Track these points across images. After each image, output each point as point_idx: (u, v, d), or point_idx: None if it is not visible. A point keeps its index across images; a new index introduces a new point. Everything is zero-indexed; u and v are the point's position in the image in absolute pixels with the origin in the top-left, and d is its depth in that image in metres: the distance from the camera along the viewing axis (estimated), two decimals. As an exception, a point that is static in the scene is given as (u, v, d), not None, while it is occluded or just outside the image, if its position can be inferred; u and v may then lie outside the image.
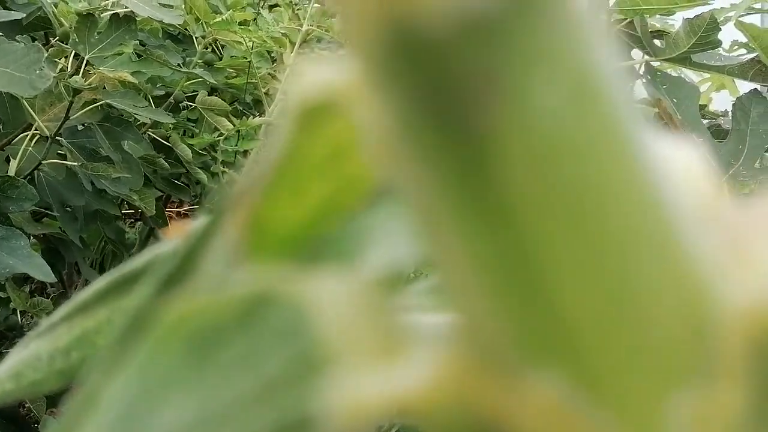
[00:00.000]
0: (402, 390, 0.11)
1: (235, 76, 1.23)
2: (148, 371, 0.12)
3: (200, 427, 0.12)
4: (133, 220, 1.29)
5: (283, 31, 1.15)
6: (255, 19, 1.19)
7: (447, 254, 0.11)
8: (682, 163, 0.13)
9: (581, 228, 0.10)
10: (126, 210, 1.23)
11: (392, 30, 0.09)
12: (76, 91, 1.02)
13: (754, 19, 1.11)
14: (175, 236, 0.32)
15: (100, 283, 0.36)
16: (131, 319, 0.17)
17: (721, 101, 1.58)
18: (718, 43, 1.05)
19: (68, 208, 1.08)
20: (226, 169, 1.13)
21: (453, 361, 0.11)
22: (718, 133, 1.13)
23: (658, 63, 1.06)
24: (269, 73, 1.19)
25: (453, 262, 0.11)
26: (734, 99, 1.15)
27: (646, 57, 1.06)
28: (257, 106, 1.27)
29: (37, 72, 0.93)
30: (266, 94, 1.17)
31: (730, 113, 1.16)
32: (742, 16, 1.12)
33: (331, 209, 0.15)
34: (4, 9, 1.03)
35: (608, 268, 0.10)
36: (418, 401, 0.11)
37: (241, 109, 1.26)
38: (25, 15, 1.04)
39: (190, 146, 1.15)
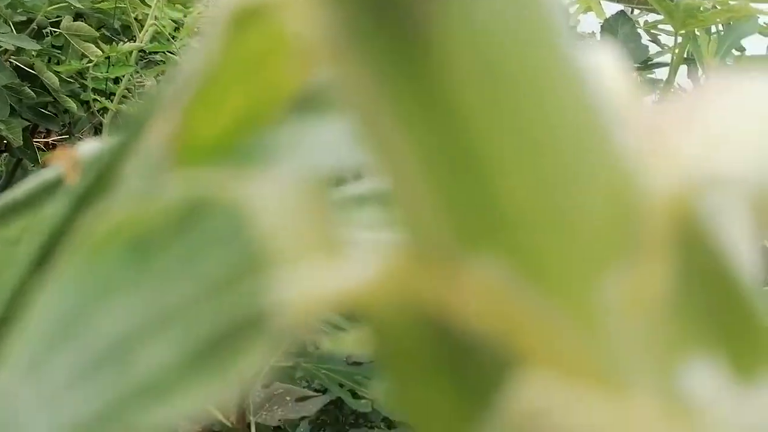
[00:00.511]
0: (347, 283, 0.11)
1: (102, 0, 1.19)
2: (84, 279, 0.12)
3: (144, 330, 0.12)
4: (3, 155, 1.25)
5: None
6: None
7: (387, 150, 0.11)
8: (601, 65, 0.14)
9: (517, 119, 0.11)
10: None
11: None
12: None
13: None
14: (58, 162, 0.31)
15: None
16: (49, 232, 0.17)
17: (589, 23, 1.62)
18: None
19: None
20: (97, 97, 1.10)
21: (394, 253, 0.11)
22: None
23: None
24: (137, -3, 1.15)
25: (393, 157, 0.11)
26: (601, 21, 1.18)
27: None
28: (126, 32, 1.23)
29: None
30: (136, 19, 1.13)
31: (598, 34, 1.19)
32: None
33: (254, 116, 0.15)
34: None
35: (541, 156, 0.11)
36: (362, 294, 0.11)
37: (109, 35, 1.22)
38: None
39: (56, 74, 1.11)
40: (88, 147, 0.29)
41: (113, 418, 0.11)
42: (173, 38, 1.21)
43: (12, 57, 1.10)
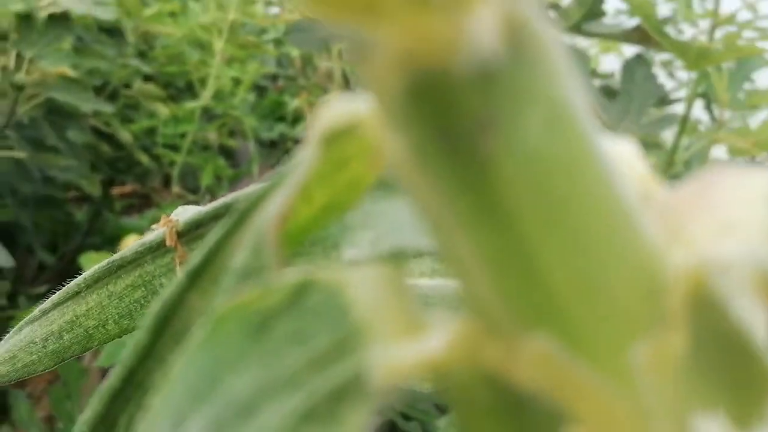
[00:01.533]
0: (426, 355, 0.13)
1: (168, 64, 1.22)
2: (210, 349, 0.14)
3: (263, 393, 0.13)
4: (80, 202, 1.28)
5: (210, 21, 1.15)
6: (182, 10, 1.18)
7: (453, 248, 0.13)
8: (624, 156, 0.15)
9: (561, 222, 0.12)
10: (74, 194, 1.22)
11: (418, 76, 0.11)
12: (21, 87, 1.00)
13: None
14: (159, 227, 0.33)
15: (87, 273, 0.37)
16: (164, 307, 0.19)
17: (609, 63, 1.63)
18: (604, 13, 1.09)
19: (19, 196, 1.07)
20: (165, 151, 1.13)
21: (464, 330, 0.13)
22: (607, 92, 1.18)
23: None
24: (200, 60, 1.18)
25: (458, 255, 0.13)
26: (622, 61, 1.18)
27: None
28: (190, 90, 1.26)
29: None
30: (199, 80, 1.16)
31: (617, 74, 1.20)
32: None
33: (336, 206, 0.16)
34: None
35: (582, 251, 0.12)
36: (439, 363, 0.13)
37: (175, 94, 1.25)
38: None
39: (129, 131, 1.14)
40: (184, 213, 0.31)
41: None
42: (233, 94, 1.23)
43: (91, 119, 1.13)
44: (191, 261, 0.18)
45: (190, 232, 0.30)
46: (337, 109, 0.14)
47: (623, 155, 0.16)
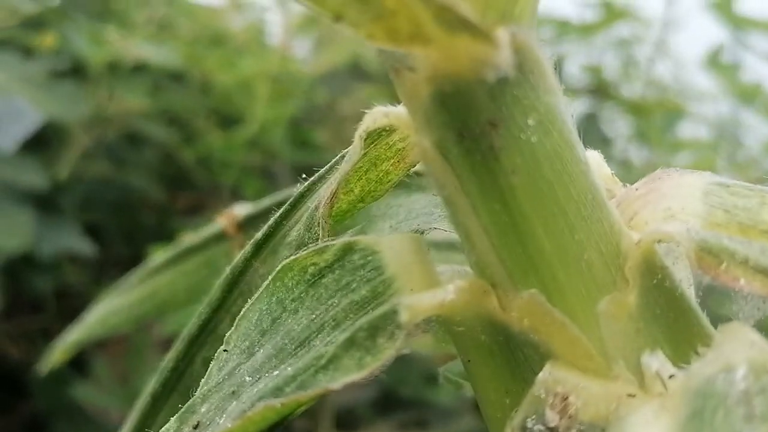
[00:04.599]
0: (441, 301, 0.13)
1: (223, 103, 1.23)
2: (274, 294, 0.14)
3: (315, 328, 0.13)
4: (151, 208, 1.28)
5: (256, 71, 1.16)
6: (234, 62, 1.19)
7: (465, 223, 0.13)
8: (593, 160, 0.15)
9: (549, 202, 0.12)
10: (146, 202, 1.23)
11: (446, 87, 0.12)
12: (109, 119, 1.01)
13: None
14: (221, 219, 0.33)
15: (161, 256, 0.37)
16: (233, 270, 0.19)
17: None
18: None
19: (104, 203, 1.07)
20: (219, 170, 1.14)
21: (471, 285, 0.13)
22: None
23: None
24: (247, 101, 1.19)
25: (469, 228, 0.13)
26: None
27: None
28: (240, 122, 1.26)
29: (78, 103, 0.93)
30: (247, 116, 1.17)
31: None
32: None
33: (370, 194, 0.17)
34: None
35: (564, 224, 0.12)
36: (450, 309, 0.13)
37: (227, 125, 1.26)
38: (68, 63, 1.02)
39: (191, 154, 1.15)
40: (240, 209, 0.31)
41: (296, 383, 0.13)
42: (273, 128, 1.24)
43: (162, 144, 1.14)
44: (256, 235, 0.19)
45: (247, 224, 0.30)
46: (376, 114, 0.14)
47: (592, 159, 0.16)
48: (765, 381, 0.10)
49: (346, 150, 0.16)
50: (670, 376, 0.12)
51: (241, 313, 0.14)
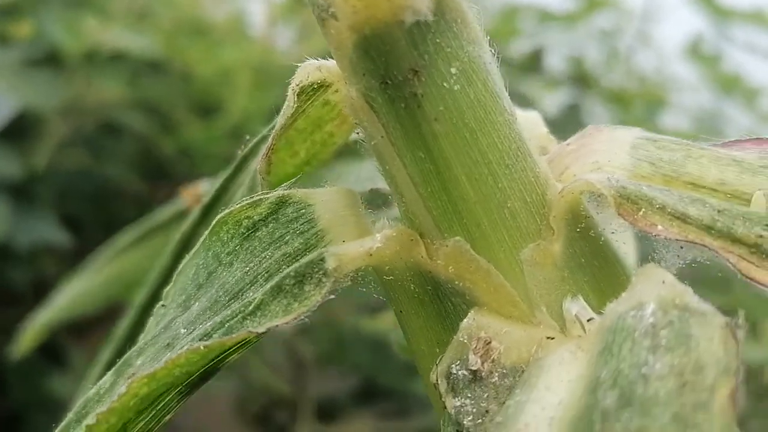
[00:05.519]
0: (370, 250, 0.13)
1: (203, 93, 1.23)
2: (209, 248, 0.14)
3: (248, 280, 0.14)
4: (130, 198, 1.28)
5: (236, 60, 1.15)
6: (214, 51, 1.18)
7: (393, 174, 0.13)
8: (530, 119, 0.16)
9: (471, 150, 0.13)
10: (125, 191, 1.22)
11: (367, 34, 0.12)
12: (86, 109, 1.01)
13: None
14: (185, 196, 0.33)
15: (128, 235, 0.37)
16: (182, 236, 0.19)
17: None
18: (541, 67, 1.11)
19: (82, 194, 1.07)
20: (199, 159, 1.14)
21: (399, 234, 0.13)
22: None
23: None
24: (228, 90, 1.19)
25: (397, 178, 0.13)
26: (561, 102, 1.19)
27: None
28: (220, 111, 1.26)
29: (54, 91, 0.93)
30: (228, 106, 1.17)
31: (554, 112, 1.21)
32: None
33: (313, 160, 0.17)
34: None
35: (487, 173, 0.13)
36: (381, 257, 0.13)
37: (208, 115, 1.25)
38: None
39: (171, 144, 1.15)
40: (204, 185, 0.31)
41: (223, 329, 0.13)
42: (255, 117, 1.23)
43: (141, 133, 1.14)
44: (203, 201, 0.19)
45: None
46: (309, 68, 0.14)
47: (529, 118, 0.16)
48: (672, 315, 0.11)
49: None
50: (589, 320, 0.12)
51: (179, 268, 0.15)
